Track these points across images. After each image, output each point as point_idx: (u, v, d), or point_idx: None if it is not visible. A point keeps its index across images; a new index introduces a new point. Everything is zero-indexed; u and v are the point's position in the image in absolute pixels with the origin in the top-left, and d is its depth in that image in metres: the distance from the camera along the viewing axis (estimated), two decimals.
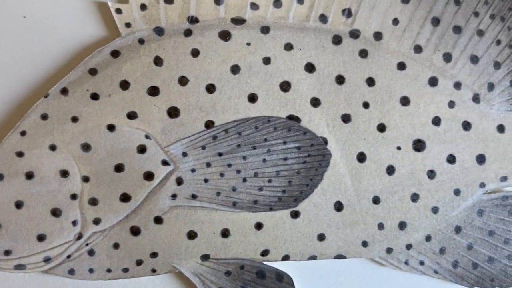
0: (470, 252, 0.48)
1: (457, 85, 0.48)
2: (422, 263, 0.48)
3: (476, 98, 0.48)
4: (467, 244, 0.48)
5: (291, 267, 0.46)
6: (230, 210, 0.44)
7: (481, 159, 0.48)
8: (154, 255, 0.43)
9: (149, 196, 0.43)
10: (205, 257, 0.44)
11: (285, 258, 0.45)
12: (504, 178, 0.49)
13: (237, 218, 0.44)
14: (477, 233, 0.48)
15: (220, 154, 0.44)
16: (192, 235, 0.44)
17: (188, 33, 0.43)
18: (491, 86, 0.48)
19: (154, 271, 0.44)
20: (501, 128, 0.48)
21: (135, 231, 0.43)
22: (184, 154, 0.43)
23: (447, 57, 0.47)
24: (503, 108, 0.49)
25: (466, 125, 0.48)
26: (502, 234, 0.49)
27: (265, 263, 0.45)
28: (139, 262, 0.43)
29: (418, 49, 0.47)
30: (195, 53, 0.43)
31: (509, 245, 0.49)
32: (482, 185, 0.48)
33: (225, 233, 0.44)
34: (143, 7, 0.43)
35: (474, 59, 0.48)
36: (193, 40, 0.43)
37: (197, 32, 0.44)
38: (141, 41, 0.43)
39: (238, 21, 0.44)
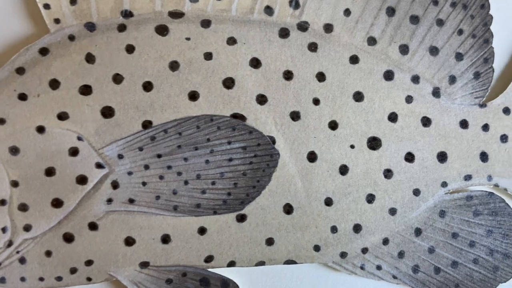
0: (431, 256, 0.46)
1: (415, 79, 0.45)
2: (379, 267, 0.45)
3: (436, 92, 0.46)
4: (428, 247, 0.46)
5: (239, 274, 0.44)
6: (171, 215, 0.42)
7: (442, 157, 0.46)
8: (89, 263, 0.42)
9: (83, 201, 0.41)
10: (144, 265, 0.42)
11: (231, 264, 0.43)
12: (468, 177, 0.46)
13: (179, 223, 0.42)
14: (439, 236, 0.46)
15: (159, 156, 0.41)
16: (129, 241, 0.42)
17: (122, 28, 0.41)
18: (452, 79, 0.46)
19: (89, 279, 0.42)
20: (464, 124, 0.46)
21: (68, 238, 0.41)
22: (120, 156, 0.41)
23: (404, 49, 0.45)
24: (466, 102, 0.46)
25: (426, 121, 0.45)
26: (466, 237, 0.46)
27: (209, 270, 0.43)
28: (73, 270, 0.41)
29: (372, 41, 0.44)
30: (130, 49, 0.41)
31: (475, 248, 0.46)
32: (444, 184, 0.46)
33: (165, 239, 0.42)
34: (73, 1, 0.41)
35: (434, 51, 0.45)
36: (128, 35, 0.41)
37: (132, 27, 0.41)
38: (72, 38, 0.41)
39: (176, 14, 0.42)
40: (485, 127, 0.46)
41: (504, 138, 0.46)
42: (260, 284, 0.45)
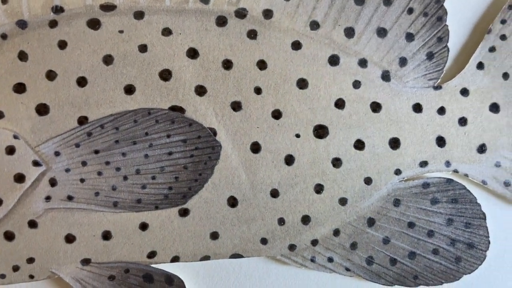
0: (386, 247, 0.44)
1: (363, 63, 0.44)
2: (331, 260, 0.44)
3: (385, 76, 0.44)
4: (382, 238, 0.44)
5: (185, 269, 0.44)
6: (111, 211, 0.42)
7: (394, 143, 0.44)
8: (31, 260, 0.42)
9: (22, 199, 0.41)
10: (86, 262, 0.43)
11: (175, 259, 0.43)
12: (424, 163, 0.44)
13: (119, 219, 0.43)
14: (394, 226, 0.44)
15: (96, 152, 0.42)
16: (70, 238, 0.42)
17: (53, 24, 0.42)
18: (403, 61, 0.44)
19: (32, 277, 0.42)
20: (417, 108, 0.44)
21: (9, 236, 0.42)
22: (57, 153, 0.41)
23: (349, 32, 0.43)
24: (419, 84, 0.44)
25: (376, 107, 0.44)
26: (424, 226, 0.45)
27: (152, 265, 0.43)
28: (15, 268, 0.42)
29: (315, 25, 0.43)
30: (62, 45, 0.42)
31: (434, 238, 0.45)
32: (398, 172, 0.44)
33: (106, 236, 0.43)
34: (4, 0, 0.41)
35: (382, 32, 0.44)
36: (59, 31, 0.42)
37: (63, 22, 0.42)
38: (4, 36, 0.41)
39: (108, 7, 0.42)
40: (441, 110, 0.44)
41: (462, 121, 0.45)
42: (206, 280, 0.45)
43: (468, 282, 0.46)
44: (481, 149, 0.45)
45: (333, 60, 0.44)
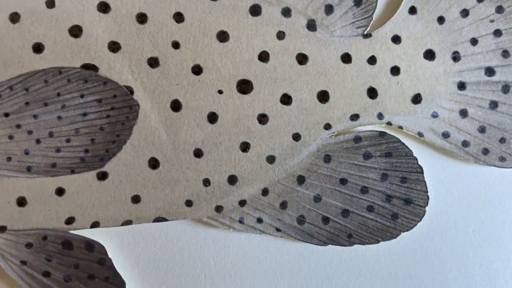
0: (318, 205, 0.43)
1: (286, 12, 0.42)
2: (260, 220, 0.43)
3: (311, 25, 0.42)
4: (313, 195, 0.43)
5: (108, 235, 0.43)
6: (25, 176, 0.41)
7: (323, 96, 0.43)
8: None
9: None
10: (2, 229, 0.42)
11: (95, 225, 0.42)
12: (355, 116, 0.43)
13: (34, 185, 0.41)
14: (325, 183, 0.43)
15: (6, 115, 0.40)
16: None
17: None
18: (329, 9, 0.42)
19: None
20: (346, 58, 0.43)
21: None
22: None
23: None
24: (348, 33, 0.43)
25: (302, 58, 0.42)
26: (358, 182, 0.43)
27: (71, 232, 0.42)
28: None
29: None
30: None
31: (368, 194, 0.43)
32: (328, 126, 0.43)
33: (21, 202, 0.41)
34: None
35: None
36: None
37: None
38: None
39: None
40: (372, 60, 0.43)
41: (395, 71, 0.43)
42: (132, 245, 0.44)
43: (408, 240, 0.45)
44: (416, 99, 0.43)
45: (255, 10, 0.42)
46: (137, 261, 0.44)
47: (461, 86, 0.44)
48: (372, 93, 0.43)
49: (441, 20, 0.43)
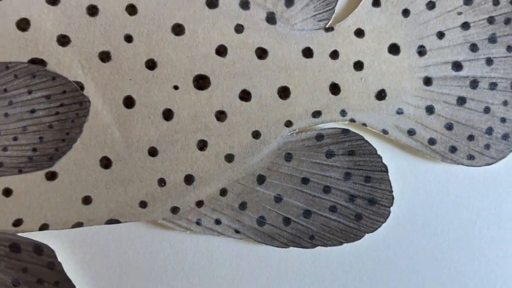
0: (279, 206, 0.42)
1: (245, 4, 0.41)
2: (218, 222, 0.42)
3: (271, 18, 0.41)
4: (274, 196, 0.42)
5: (59, 238, 0.41)
6: None
7: (284, 92, 0.41)
8: None
9: None
10: None
11: (44, 227, 0.41)
12: (316, 113, 0.42)
13: None
14: (286, 182, 0.42)
15: None
16: None
17: None
18: (289, 1, 0.41)
19: None
20: (307, 52, 0.41)
21: None
22: None
23: None
24: (309, 27, 0.41)
25: (261, 52, 0.41)
26: (319, 181, 0.42)
27: (19, 234, 0.40)
28: None
29: None
30: None
31: (331, 194, 0.42)
32: (289, 123, 0.41)
33: None
34: None
35: None
36: None
37: None
38: None
39: None
40: (334, 54, 0.41)
41: (358, 66, 0.42)
42: (83, 248, 0.42)
43: (373, 241, 0.44)
44: (380, 95, 0.42)
45: (212, 2, 0.40)
46: (88, 265, 0.42)
47: (427, 81, 0.43)
48: (334, 89, 0.42)
49: (406, 12, 0.42)
